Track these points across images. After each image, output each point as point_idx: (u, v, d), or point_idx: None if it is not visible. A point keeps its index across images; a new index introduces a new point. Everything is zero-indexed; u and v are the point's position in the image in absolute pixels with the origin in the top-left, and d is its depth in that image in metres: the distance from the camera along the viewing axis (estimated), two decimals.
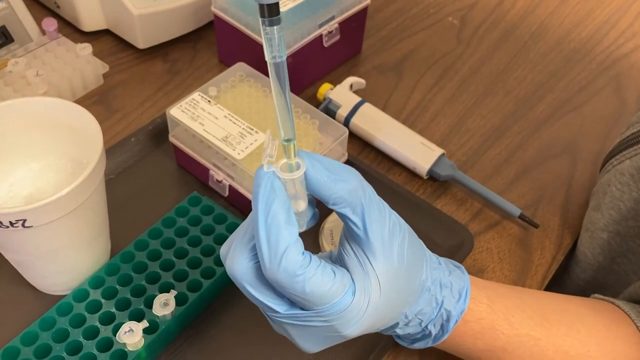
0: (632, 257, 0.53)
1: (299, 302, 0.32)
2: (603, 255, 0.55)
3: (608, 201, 0.52)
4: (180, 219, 0.50)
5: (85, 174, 0.40)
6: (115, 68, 0.67)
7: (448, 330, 0.39)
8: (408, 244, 0.35)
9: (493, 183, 0.60)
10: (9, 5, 0.62)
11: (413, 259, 0.35)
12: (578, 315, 0.43)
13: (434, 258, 0.39)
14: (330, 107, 0.62)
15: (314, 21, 0.61)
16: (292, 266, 0.31)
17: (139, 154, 0.58)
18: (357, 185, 0.32)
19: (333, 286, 0.32)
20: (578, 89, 0.71)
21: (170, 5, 0.66)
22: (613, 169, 0.52)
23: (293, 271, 0.31)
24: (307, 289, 0.31)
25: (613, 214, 0.52)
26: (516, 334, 0.40)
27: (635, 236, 0.52)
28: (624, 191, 0.51)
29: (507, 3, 0.82)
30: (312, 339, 0.35)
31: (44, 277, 0.47)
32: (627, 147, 0.51)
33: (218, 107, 0.53)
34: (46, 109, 0.46)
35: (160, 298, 0.44)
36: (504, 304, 0.40)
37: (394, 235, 0.34)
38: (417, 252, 0.36)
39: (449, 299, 0.38)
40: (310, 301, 0.32)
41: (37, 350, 0.43)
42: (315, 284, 0.31)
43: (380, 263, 0.33)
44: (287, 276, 0.31)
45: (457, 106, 0.67)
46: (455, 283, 0.39)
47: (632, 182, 0.50)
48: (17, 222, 0.39)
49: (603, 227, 0.53)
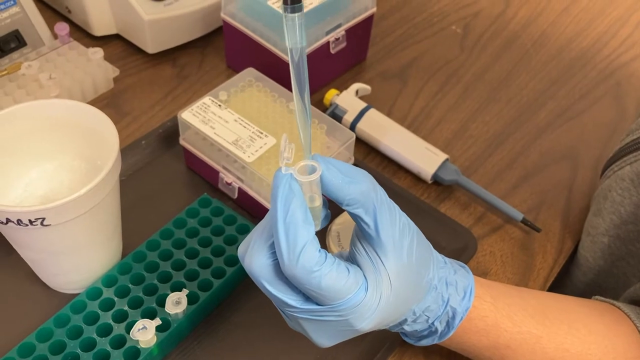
0: (631, 260, 0.54)
1: (315, 297, 0.33)
2: (604, 259, 0.56)
3: (609, 206, 0.54)
4: (191, 220, 0.52)
5: (102, 174, 0.41)
6: (125, 72, 0.68)
7: (454, 327, 0.40)
8: (417, 244, 0.36)
9: (496, 188, 0.61)
10: (22, 10, 0.64)
11: (421, 258, 0.37)
12: (578, 314, 0.44)
13: (440, 258, 0.40)
14: (337, 113, 0.64)
15: (321, 28, 0.63)
16: (309, 262, 0.32)
17: (149, 157, 0.59)
18: (369, 187, 0.34)
19: (347, 282, 0.33)
20: (579, 96, 0.72)
21: (180, 11, 0.67)
22: (614, 175, 0.54)
23: (310, 267, 0.32)
24: (323, 284, 0.32)
25: (614, 218, 0.53)
26: (519, 332, 0.41)
27: (635, 240, 0.53)
28: (625, 196, 0.52)
29: (509, 12, 0.83)
30: (326, 333, 0.36)
31: (58, 275, 0.48)
32: (628, 154, 0.52)
33: (228, 111, 0.54)
34: (61, 111, 0.47)
35: (172, 296, 0.45)
36: (506, 302, 0.42)
37: (403, 235, 0.35)
38: (425, 251, 0.38)
39: (454, 296, 0.39)
40: (326, 296, 0.33)
41: (52, 346, 0.44)
42: (331, 279, 0.32)
43: (391, 261, 0.34)
44: (305, 272, 0.32)
45: (461, 112, 0.69)
46: (460, 281, 0.40)
47: (632, 187, 0.51)
48: (36, 220, 0.40)
49: (604, 231, 0.55)
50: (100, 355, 0.44)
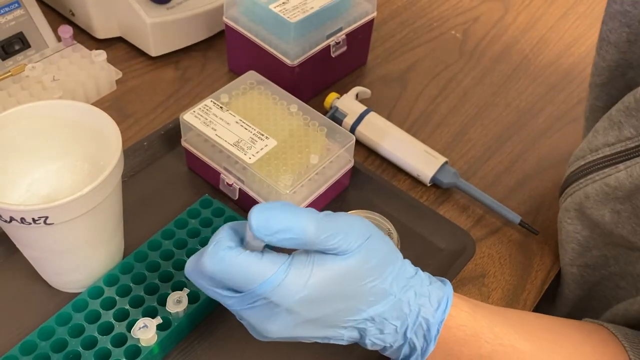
0: (607, 283, 0.53)
1: (236, 287, 0.36)
2: (580, 289, 0.56)
3: (565, 236, 0.54)
4: (192, 221, 0.52)
5: (105, 174, 0.42)
6: (128, 74, 0.68)
7: (431, 339, 0.39)
8: (368, 248, 0.37)
9: (494, 191, 0.62)
10: (27, 13, 0.64)
11: (372, 261, 0.37)
12: (564, 333, 0.43)
13: (411, 269, 0.40)
14: (337, 116, 0.64)
15: (322, 32, 0.63)
16: (219, 253, 0.35)
17: (151, 158, 0.60)
18: (305, 232, 0.35)
19: (259, 266, 0.35)
20: (576, 101, 0.73)
21: (183, 15, 0.68)
22: (562, 207, 0.54)
23: (220, 257, 0.35)
24: (232, 270, 0.35)
25: (574, 246, 0.53)
26: (501, 344, 0.40)
27: (604, 265, 0.53)
28: (576, 224, 0.52)
29: (508, 17, 0.84)
30: (265, 320, 0.37)
31: (60, 274, 0.49)
32: (568, 186, 0.53)
33: (230, 113, 0.55)
34: (65, 111, 0.48)
35: (173, 295, 0.46)
36: (486, 315, 0.41)
37: (347, 237, 0.36)
38: (383, 258, 0.38)
39: (426, 307, 0.39)
40: (239, 282, 0.36)
41: (54, 344, 0.44)
42: (238, 264, 0.35)
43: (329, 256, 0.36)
44: (214, 262, 0.35)
45: (460, 116, 0.69)
46: (435, 293, 0.39)
47: (579, 214, 0.51)
48: (39, 219, 0.40)
49: (570, 261, 0.54)
50: (102, 353, 0.44)
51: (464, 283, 0.55)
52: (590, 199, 0.49)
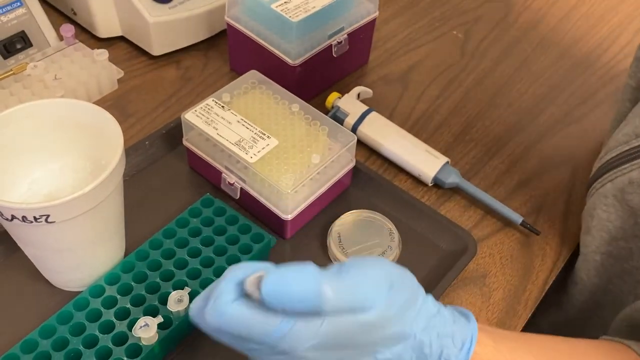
0: (627, 277, 0.54)
1: (245, 337, 0.33)
2: (598, 277, 0.56)
3: (596, 223, 0.54)
4: (193, 220, 0.52)
5: (107, 172, 0.42)
6: (130, 74, 0.68)
7: None
8: (389, 292, 0.35)
9: (496, 191, 0.62)
10: (29, 11, 0.64)
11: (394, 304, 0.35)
12: (586, 356, 0.43)
13: (432, 306, 0.38)
14: (339, 115, 0.64)
15: (324, 32, 0.63)
16: (219, 308, 0.33)
17: (153, 157, 0.60)
18: (314, 290, 0.32)
19: (264, 317, 0.33)
20: (579, 102, 0.73)
21: (184, 14, 0.68)
22: (596, 193, 0.54)
23: (221, 312, 0.33)
24: (236, 322, 0.33)
25: (603, 235, 0.53)
26: None
27: (628, 257, 0.52)
28: (610, 212, 0.52)
29: (510, 18, 0.84)
30: None
31: (61, 272, 0.49)
32: (608, 171, 0.52)
33: (231, 112, 0.55)
34: (67, 110, 0.48)
35: (174, 294, 0.46)
36: (509, 346, 0.40)
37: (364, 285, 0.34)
38: (406, 301, 0.36)
39: (449, 348, 0.37)
40: (245, 335, 0.33)
41: (55, 342, 0.44)
42: (242, 317, 0.33)
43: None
44: (216, 317, 0.33)
45: (461, 116, 0.69)
46: (459, 332, 0.38)
47: (616, 202, 0.51)
48: (40, 217, 0.40)
49: (595, 249, 0.54)
50: (103, 352, 0.44)
51: (466, 283, 0.55)
52: (635, 184, 0.49)
